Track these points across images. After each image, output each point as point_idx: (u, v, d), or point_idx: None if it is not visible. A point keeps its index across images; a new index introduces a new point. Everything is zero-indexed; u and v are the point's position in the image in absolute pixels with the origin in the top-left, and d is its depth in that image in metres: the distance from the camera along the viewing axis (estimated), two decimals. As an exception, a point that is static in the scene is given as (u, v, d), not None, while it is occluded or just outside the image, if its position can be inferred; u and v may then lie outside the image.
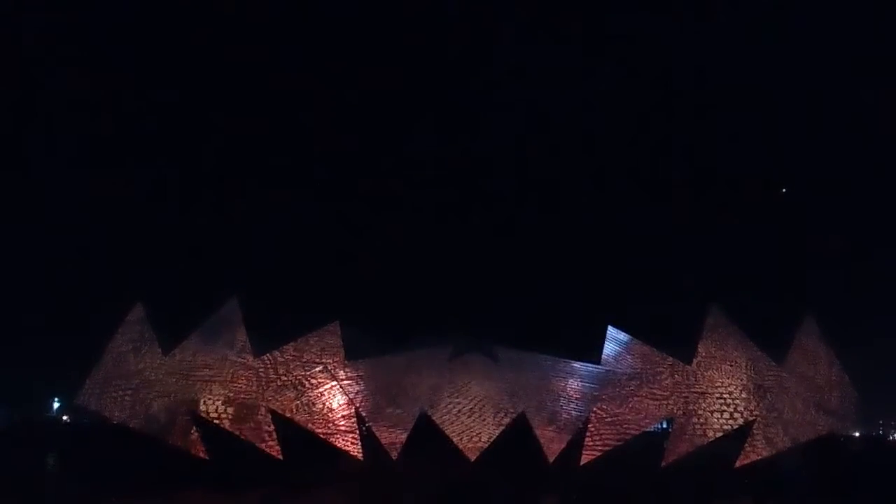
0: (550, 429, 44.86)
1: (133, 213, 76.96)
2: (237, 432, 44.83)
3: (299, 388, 45.58)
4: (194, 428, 44.63)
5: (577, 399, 45.30)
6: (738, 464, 43.73)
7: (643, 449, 46.88)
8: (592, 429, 44.49)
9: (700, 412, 45.16)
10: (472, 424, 45.63)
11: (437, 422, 44.93)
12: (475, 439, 44.72)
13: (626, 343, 45.92)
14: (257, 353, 46.32)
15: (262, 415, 45.40)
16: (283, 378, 45.71)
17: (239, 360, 46.24)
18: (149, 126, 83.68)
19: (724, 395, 45.14)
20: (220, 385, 45.76)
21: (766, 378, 45.37)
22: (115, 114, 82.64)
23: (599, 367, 45.73)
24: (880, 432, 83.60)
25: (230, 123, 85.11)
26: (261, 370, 46.00)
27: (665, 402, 45.23)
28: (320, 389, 45.62)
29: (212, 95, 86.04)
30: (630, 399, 45.10)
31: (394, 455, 43.65)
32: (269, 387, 45.61)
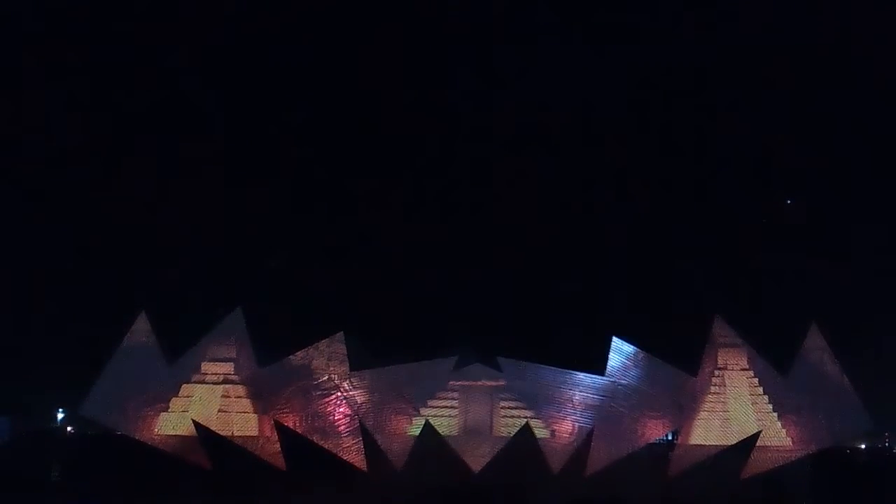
0: (555, 439, 44.78)
1: (137, 223, 76.88)
2: (240, 442, 44.73)
3: (304, 398, 45.47)
4: (198, 437, 44.56)
5: (582, 410, 45.14)
6: (743, 475, 43.55)
7: (649, 459, 46.73)
8: (598, 439, 44.33)
9: (706, 423, 45.10)
10: (476, 434, 45.57)
11: (442, 432, 44.88)
12: (480, 449, 44.66)
13: (631, 354, 45.81)
14: (262, 364, 46.37)
15: (266, 425, 45.49)
16: (288, 388, 45.63)
17: (243, 370, 46.30)
18: (151, 129, 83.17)
19: (730, 407, 45.00)
20: (224, 395, 45.69)
21: (772, 389, 45.27)
22: (115, 116, 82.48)
23: (605, 378, 45.63)
24: (886, 444, 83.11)
25: (234, 130, 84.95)
26: (266, 381, 45.97)
27: (670, 413, 45.12)
28: (325, 400, 45.48)
29: (210, 97, 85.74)
30: (635, 410, 44.98)
31: (398, 465, 43.54)
32: (273, 397, 45.54)
